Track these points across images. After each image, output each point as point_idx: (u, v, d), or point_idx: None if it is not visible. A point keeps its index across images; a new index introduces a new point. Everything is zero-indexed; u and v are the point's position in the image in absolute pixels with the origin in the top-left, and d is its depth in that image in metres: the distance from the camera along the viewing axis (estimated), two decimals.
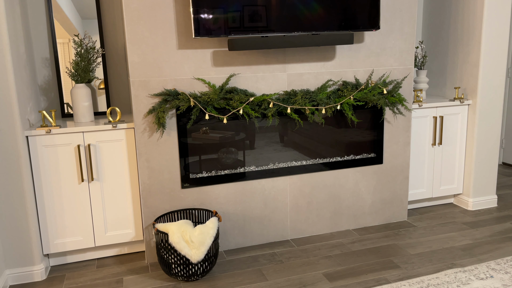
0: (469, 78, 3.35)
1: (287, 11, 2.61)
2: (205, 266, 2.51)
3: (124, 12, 2.48)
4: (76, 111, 2.72)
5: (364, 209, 3.18)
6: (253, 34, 2.58)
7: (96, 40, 2.94)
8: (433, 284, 2.38)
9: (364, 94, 2.89)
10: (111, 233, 2.76)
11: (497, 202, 3.58)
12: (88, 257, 2.83)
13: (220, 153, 2.84)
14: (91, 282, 2.55)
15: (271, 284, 2.47)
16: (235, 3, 2.51)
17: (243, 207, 2.89)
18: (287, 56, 2.80)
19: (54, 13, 2.84)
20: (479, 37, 3.22)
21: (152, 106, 2.60)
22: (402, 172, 3.21)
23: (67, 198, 2.64)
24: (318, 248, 2.89)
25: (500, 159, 4.73)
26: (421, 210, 3.48)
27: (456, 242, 2.92)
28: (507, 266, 2.56)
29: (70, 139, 2.59)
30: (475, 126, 3.34)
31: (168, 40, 2.57)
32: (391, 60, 3.02)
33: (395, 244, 2.92)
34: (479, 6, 3.20)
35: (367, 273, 2.55)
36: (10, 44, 2.36)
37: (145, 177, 2.67)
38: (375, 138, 3.11)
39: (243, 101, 2.68)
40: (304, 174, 2.98)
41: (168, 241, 2.45)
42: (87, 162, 2.64)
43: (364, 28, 2.78)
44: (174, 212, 2.73)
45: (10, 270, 2.56)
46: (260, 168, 2.90)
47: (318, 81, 2.89)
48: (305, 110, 2.81)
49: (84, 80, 2.73)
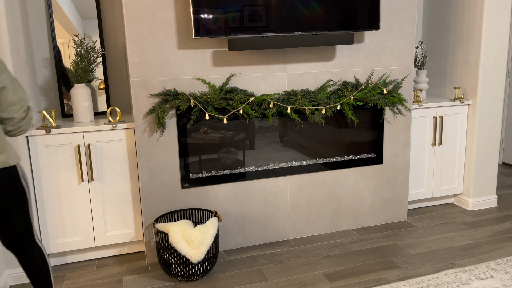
0: (469, 78, 3.35)
1: (287, 11, 2.61)
2: (205, 266, 2.51)
3: (124, 12, 2.48)
4: (76, 111, 2.72)
5: (364, 209, 3.18)
6: (253, 34, 2.58)
7: (96, 40, 2.94)
8: (433, 284, 2.38)
9: (364, 94, 2.89)
10: (111, 233, 2.76)
11: (497, 202, 3.58)
12: (88, 257, 2.83)
13: (220, 153, 2.84)
14: (91, 282, 2.55)
15: (271, 284, 2.47)
16: (235, 3, 2.51)
17: (243, 207, 2.89)
18: (287, 56, 2.80)
19: (54, 13, 2.84)
20: (479, 37, 3.22)
21: (152, 106, 2.60)
22: (402, 172, 3.21)
23: (67, 198, 2.64)
24: (318, 248, 2.89)
25: (500, 159, 4.73)
26: (421, 210, 3.48)
27: (456, 242, 2.92)
28: (507, 266, 2.56)
29: (70, 139, 2.59)
30: (475, 126, 3.34)
31: (168, 40, 2.57)
32: (391, 60, 3.02)
33: (395, 244, 2.92)
34: (479, 6, 3.20)
35: (367, 273, 2.55)
36: (10, 44, 2.36)
37: (145, 177, 2.67)
38: (375, 138, 3.11)
39: (243, 101, 2.68)
40: (304, 174, 2.98)
41: (168, 241, 2.45)
42: (87, 162, 2.64)
43: (364, 28, 2.78)
44: (174, 212, 2.73)
45: (10, 270, 2.56)
46: (260, 168, 2.90)
47: (318, 81, 2.89)
48: (305, 110, 2.81)
49: (84, 80, 2.73)
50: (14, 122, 1.72)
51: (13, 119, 1.71)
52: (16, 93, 1.70)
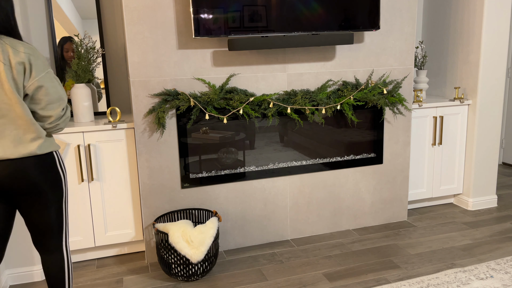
0: (469, 78, 3.36)
1: (287, 11, 2.61)
2: (205, 266, 2.51)
3: (124, 12, 2.48)
4: (76, 111, 2.73)
5: (364, 209, 3.18)
6: (253, 34, 2.58)
7: (96, 40, 2.94)
8: (433, 284, 2.38)
9: (364, 94, 2.89)
10: (111, 233, 2.76)
11: (497, 202, 3.58)
12: (88, 257, 2.83)
13: (220, 153, 2.84)
14: (91, 282, 2.55)
15: (271, 284, 2.47)
16: (235, 3, 2.51)
17: (243, 207, 2.89)
18: (287, 56, 2.80)
19: (54, 13, 2.84)
20: (479, 37, 3.23)
21: (152, 106, 2.60)
22: (402, 172, 3.21)
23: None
24: (318, 248, 2.89)
25: (500, 159, 4.73)
26: (421, 210, 3.48)
27: (456, 242, 2.92)
28: (507, 266, 2.56)
29: (70, 139, 2.59)
30: (475, 126, 3.34)
31: (168, 40, 2.57)
32: (391, 60, 3.02)
33: (395, 244, 2.92)
34: (479, 6, 3.20)
35: (367, 273, 2.55)
36: None
37: (145, 177, 2.67)
38: (375, 138, 3.11)
39: (243, 101, 2.68)
40: (304, 174, 2.98)
41: (168, 241, 2.45)
42: (87, 162, 2.64)
43: (364, 28, 2.78)
44: (174, 212, 2.73)
45: (10, 270, 2.56)
46: (260, 168, 2.90)
47: (318, 81, 2.89)
48: (305, 110, 2.81)
49: (84, 80, 2.73)
50: (52, 120, 1.75)
51: (51, 117, 1.74)
52: (55, 92, 1.73)
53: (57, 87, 1.75)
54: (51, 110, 1.73)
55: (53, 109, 1.74)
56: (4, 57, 1.61)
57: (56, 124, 1.78)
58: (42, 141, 1.74)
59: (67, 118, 1.82)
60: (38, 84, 1.68)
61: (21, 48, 1.65)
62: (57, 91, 1.75)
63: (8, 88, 1.62)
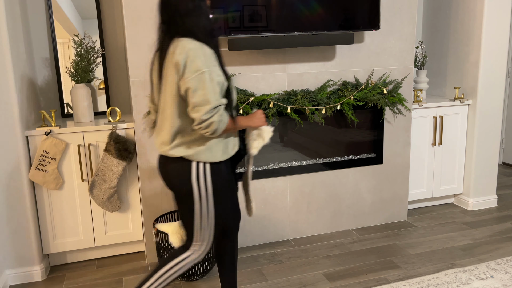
0: (469, 78, 3.35)
1: (287, 11, 2.61)
2: (205, 266, 2.51)
3: (124, 12, 2.48)
4: (76, 111, 2.72)
5: (364, 209, 3.18)
6: (253, 34, 2.58)
7: (96, 40, 2.94)
8: (433, 284, 2.38)
9: (364, 94, 2.89)
10: (111, 233, 2.76)
11: (497, 202, 3.58)
12: (88, 257, 2.83)
13: None
14: (91, 282, 2.55)
15: (271, 284, 2.47)
16: (235, 3, 2.51)
17: (243, 207, 2.89)
18: (287, 56, 2.80)
19: (54, 13, 2.84)
20: (479, 37, 3.22)
21: None
22: (402, 172, 3.21)
23: (67, 198, 2.64)
24: (318, 248, 2.89)
25: (500, 159, 4.73)
26: (421, 210, 3.48)
27: (456, 242, 2.92)
28: (507, 266, 2.56)
29: (70, 139, 2.59)
30: (475, 126, 3.34)
31: None
32: (391, 60, 3.02)
33: (395, 244, 2.92)
34: (479, 6, 3.20)
35: (367, 273, 2.55)
36: (10, 44, 2.36)
37: (145, 177, 2.67)
38: (375, 138, 3.11)
39: (243, 101, 2.68)
40: (304, 174, 2.98)
41: (168, 241, 2.45)
42: (87, 162, 2.64)
43: (364, 28, 2.78)
44: (174, 212, 2.73)
45: (10, 270, 2.56)
46: (260, 168, 2.89)
47: (318, 81, 2.89)
48: (305, 110, 2.81)
49: (84, 80, 2.73)
50: (196, 123, 1.71)
51: (194, 119, 1.71)
52: (202, 95, 1.67)
53: (206, 90, 1.70)
54: (195, 113, 1.72)
55: (197, 112, 1.71)
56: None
57: (199, 127, 1.73)
58: (185, 149, 1.82)
59: (210, 123, 1.71)
60: (186, 86, 1.72)
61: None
62: (205, 94, 1.70)
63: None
